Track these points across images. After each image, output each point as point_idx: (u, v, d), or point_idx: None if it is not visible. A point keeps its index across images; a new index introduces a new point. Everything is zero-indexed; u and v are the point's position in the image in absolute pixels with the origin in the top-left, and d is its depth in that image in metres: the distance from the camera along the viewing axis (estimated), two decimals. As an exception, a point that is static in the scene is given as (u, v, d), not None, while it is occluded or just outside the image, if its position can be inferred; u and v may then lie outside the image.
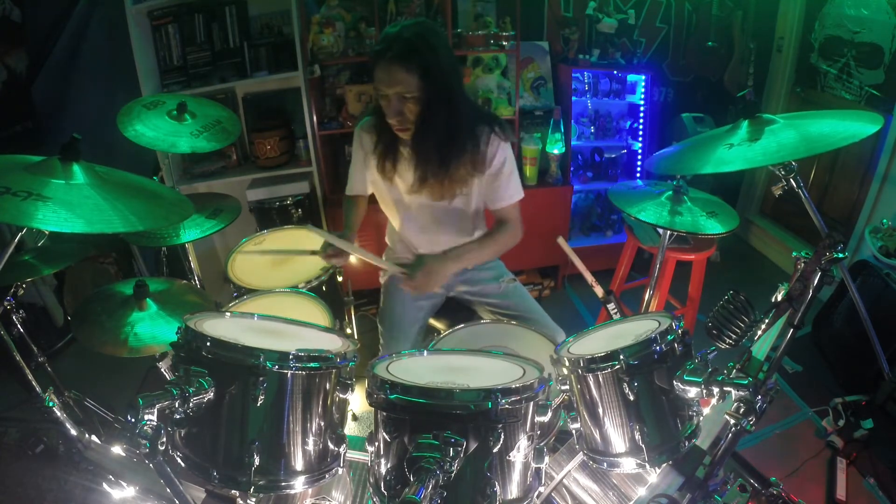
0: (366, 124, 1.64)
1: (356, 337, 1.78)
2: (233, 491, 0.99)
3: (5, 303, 1.64)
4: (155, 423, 0.80)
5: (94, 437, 1.32)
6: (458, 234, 1.70)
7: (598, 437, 1.07)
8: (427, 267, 1.49)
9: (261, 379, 0.89)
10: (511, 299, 1.72)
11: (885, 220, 2.50)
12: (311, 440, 0.95)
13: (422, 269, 1.48)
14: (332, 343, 1.06)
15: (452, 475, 0.76)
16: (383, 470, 0.89)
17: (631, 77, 3.18)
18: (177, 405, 0.84)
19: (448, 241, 1.67)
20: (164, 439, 0.81)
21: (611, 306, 1.58)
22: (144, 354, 1.34)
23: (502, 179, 1.59)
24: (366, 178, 1.73)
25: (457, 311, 1.80)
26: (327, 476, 0.99)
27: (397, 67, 1.35)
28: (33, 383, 1.39)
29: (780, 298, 1.26)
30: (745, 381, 0.92)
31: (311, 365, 0.93)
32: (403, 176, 1.61)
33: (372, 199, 1.82)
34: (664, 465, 1.17)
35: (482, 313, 1.78)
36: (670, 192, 1.66)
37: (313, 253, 1.59)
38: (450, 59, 1.44)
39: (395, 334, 1.67)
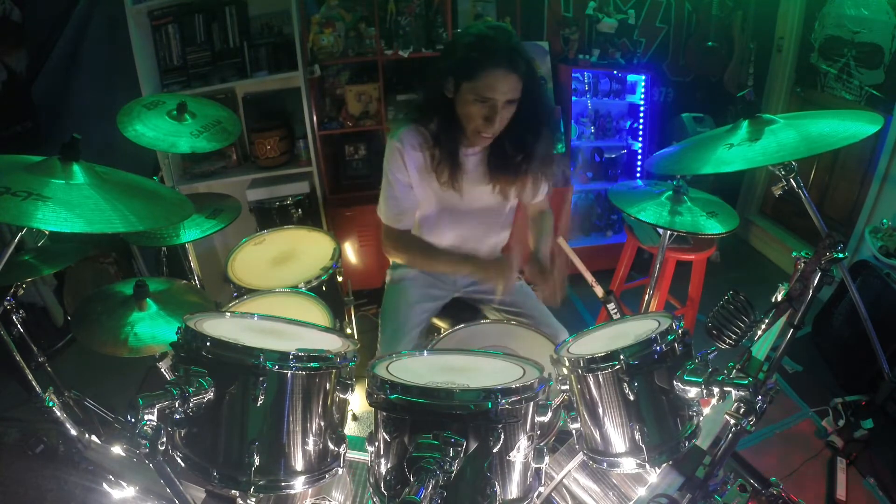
0: (408, 133, 1.49)
1: (356, 337, 1.78)
2: (233, 491, 0.99)
3: (5, 303, 1.63)
4: (155, 423, 0.80)
5: (94, 437, 1.32)
6: (489, 240, 1.72)
7: (598, 437, 1.07)
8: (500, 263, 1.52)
9: (261, 379, 0.89)
10: (517, 297, 1.72)
11: (885, 220, 2.50)
12: (311, 440, 0.95)
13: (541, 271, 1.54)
14: (332, 343, 1.06)
15: (452, 475, 0.76)
16: (383, 470, 0.89)
17: (631, 77, 3.18)
18: (177, 405, 0.84)
19: (478, 246, 1.69)
20: (164, 439, 0.81)
21: (611, 306, 1.58)
22: (144, 354, 1.34)
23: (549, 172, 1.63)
24: (416, 201, 1.57)
25: (460, 310, 1.80)
26: (327, 476, 0.99)
27: (510, 74, 1.34)
28: (33, 383, 1.39)
29: (780, 298, 1.27)
30: (745, 381, 0.92)
31: (311, 365, 0.93)
32: (471, 186, 1.55)
33: (370, 199, 1.76)
34: (664, 465, 1.17)
35: (487, 312, 1.78)
36: (670, 192, 1.66)
37: None
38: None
39: (396, 336, 1.63)
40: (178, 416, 0.86)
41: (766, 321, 1.28)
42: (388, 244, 1.62)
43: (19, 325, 1.72)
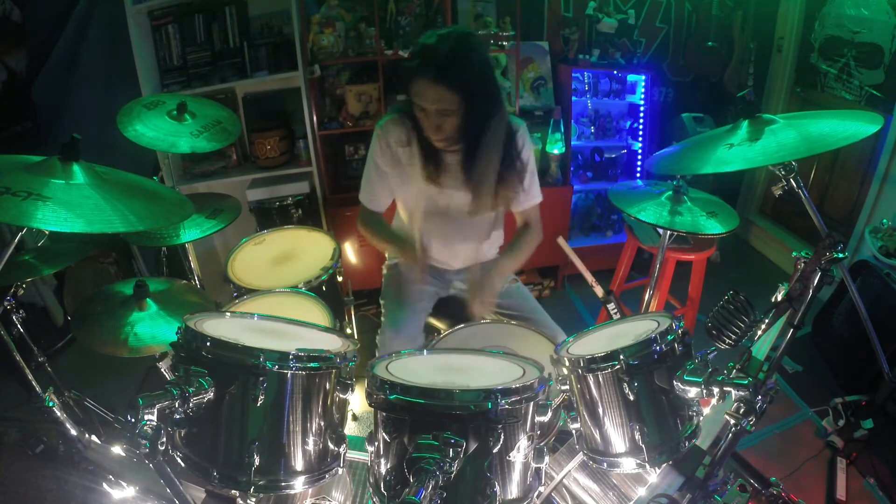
0: (392, 123, 1.54)
1: (356, 337, 1.78)
2: (233, 491, 0.99)
3: (5, 303, 1.63)
4: (155, 423, 0.81)
5: (94, 437, 1.32)
6: (475, 240, 1.72)
7: (598, 437, 1.07)
8: (483, 275, 1.56)
9: (261, 379, 0.89)
10: (513, 299, 1.72)
11: (885, 220, 2.50)
12: (311, 440, 0.95)
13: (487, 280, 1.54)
14: (332, 343, 1.06)
15: (452, 475, 0.76)
16: (383, 470, 0.89)
17: (631, 77, 3.18)
18: (177, 405, 0.84)
19: (463, 245, 1.69)
20: (164, 439, 0.81)
21: (611, 306, 1.58)
22: (144, 354, 1.34)
23: (525, 180, 1.60)
24: (391, 186, 1.65)
25: (458, 310, 1.80)
26: (327, 476, 0.99)
27: (437, 84, 1.32)
28: (33, 383, 1.39)
29: (780, 298, 1.27)
30: (745, 381, 0.92)
31: (311, 365, 0.93)
32: (449, 185, 1.57)
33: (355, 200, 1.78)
34: (664, 465, 1.17)
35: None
36: (670, 192, 1.66)
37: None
38: (488, 69, 1.42)
39: (399, 313, 1.66)
40: (178, 416, 0.86)
41: (766, 321, 1.28)
42: (359, 220, 1.73)
43: (19, 325, 1.72)
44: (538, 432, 0.97)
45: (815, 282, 1.18)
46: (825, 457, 2.04)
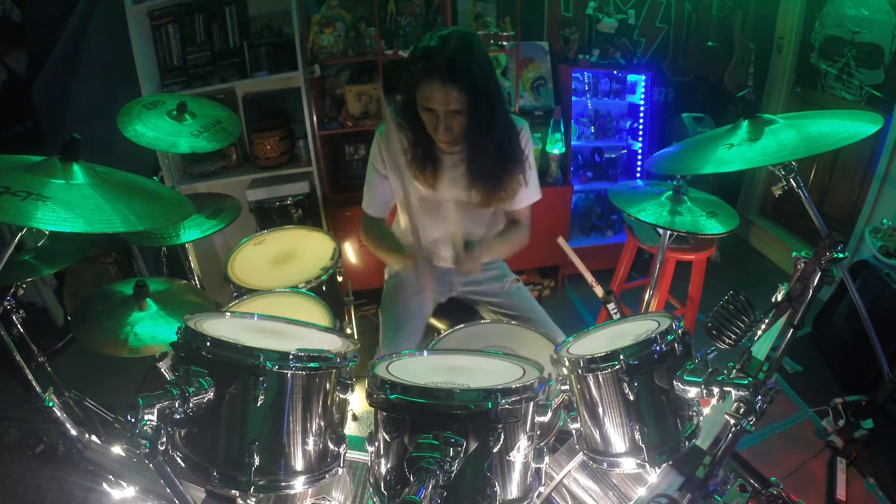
0: (391, 128, 1.55)
1: (356, 337, 1.78)
2: (233, 491, 0.99)
3: (5, 303, 1.63)
4: (155, 423, 0.81)
5: (94, 437, 1.31)
6: (467, 233, 1.70)
7: (598, 437, 1.07)
8: (461, 259, 1.55)
9: (261, 379, 0.89)
10: (514, 299, 1.72)
11: (885, 220, 2.50)
12: (311, 440, 0.95)
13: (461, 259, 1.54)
14: (332, 343, 1.06)
15: (452, 475, 0.76)
16: (383, 470, 0.89)
17: (631, 77, 3.18)
18: (177, 405, 0.84)
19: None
20: (164, 439, 0.81)
21: (611, 306, 1.58)
22: (144, 354, 1.34)
23: (530, 176, 1.61)
24: (390, 192, 1.68)
25: (458, 311, 1.80)
26: (327, 476, 0.99)
27: (446, 85, 1.34)
28: (33, 383, 1.38)
29: (780, 298, 1.26)
30: (745, 381, 0.92)
31: (311, 365, 0.93)
32: (449, 184, 1.58)
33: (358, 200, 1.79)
34: (664, 465, 1.17)
35: (484, 313, 1.78)
36: (670, 192, 1.66)
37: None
38: (490, 68, 1.43)
39: (396, 331, 1.65)
40: (178, 416, 0.86)
41: (766, 321, 1.28)
42: (361, 229, 1.74)
43: (19, 325, 1.72)
44: (538, 432, 0.96)
45: (815, 282, 1.18)
46: (825, 457, 2.04)
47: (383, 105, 2.48)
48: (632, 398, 0.99)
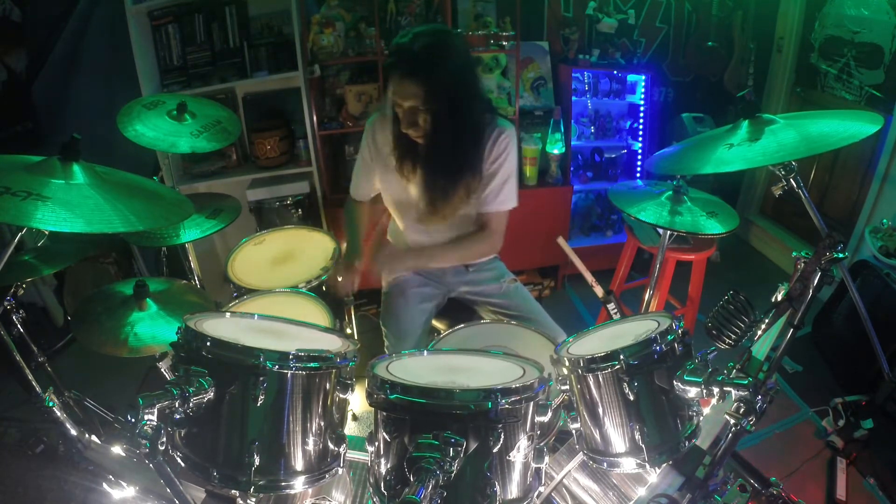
0: (378, 120, 1.61)
1: (356, 337, 1.78)
2: (233, 491, 0.99)
3: (5, 303, 1.63)
4: (155, 423, 0.81)
5: (94, 437, 1.32)
6: (448, 231, 1.68)
7: (598, 437, 1.07)
8: (389, 253, 1.60)
9: (261, 379, 0.89)
10: (512, 300, 1.72)
11: (885, 220, 2.50)
12: (311, 440, 0.95)
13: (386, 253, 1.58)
14: (332, 343, 1.06)
15: (452, 475, 0.76)
16: (383, 470, 0.89)
17: (631, 77, 3.18)
18: (177, 405, 0.84)
19: (440, 235, 1.67)
20: (164, 439, 0.81)
21: (611, 306, 1.58)
22: (144, 354, 1.34)
23: (496, 182, 1.55)
24: (373, 178, 1.70)
25: (458, 311, 1.80)
26: (327, 476, 0.99)
27: (407, 81, 1.35)
28: (33, 383, 1.38)
29: (780, 298, 1.26)
30: (745, 381, 0.92)
31: (311, 365, 0.93)
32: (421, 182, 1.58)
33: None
34: (664, 465, 1.17)
35: (483, 313, 1.78)
36: (670, 192, 1.66)
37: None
38: (465, 68, 1.43)
39: (400, 336, 1.66)
40: (178, 416, 0.86)
41: (766, 321, 1.28)
42: (344, 208, 1.83)
43: (19, 325, 1.72)
44: (538, 432, 0.96)
45: (815, 282, 1.18)
46: (825, 457, 2.04)
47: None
48: (632, 398, 0.99)
